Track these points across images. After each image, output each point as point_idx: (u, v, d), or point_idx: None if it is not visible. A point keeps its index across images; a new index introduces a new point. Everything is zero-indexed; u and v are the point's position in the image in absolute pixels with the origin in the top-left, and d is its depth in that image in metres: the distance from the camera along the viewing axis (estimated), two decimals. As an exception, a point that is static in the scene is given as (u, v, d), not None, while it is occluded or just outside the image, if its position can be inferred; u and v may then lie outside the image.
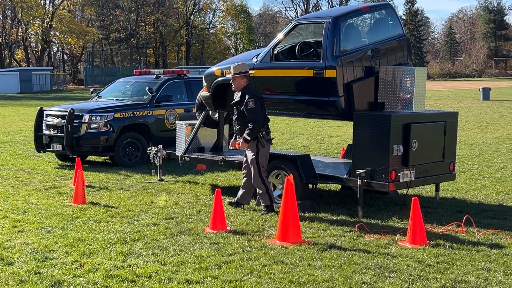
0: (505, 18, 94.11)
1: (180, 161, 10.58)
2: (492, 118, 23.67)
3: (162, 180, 11.00)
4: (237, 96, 8.55)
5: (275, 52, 9.15)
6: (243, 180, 8.63)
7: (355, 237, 7.17)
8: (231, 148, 8.96)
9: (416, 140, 8.07)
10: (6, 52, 69.73)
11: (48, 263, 6.17)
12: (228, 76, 8.99)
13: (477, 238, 7.10)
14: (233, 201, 8.78)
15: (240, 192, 8.68)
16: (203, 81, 10.31)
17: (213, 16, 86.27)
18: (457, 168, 10.65)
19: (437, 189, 9.11)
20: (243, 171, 8.64)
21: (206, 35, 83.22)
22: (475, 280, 5.71)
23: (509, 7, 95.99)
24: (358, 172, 8.01)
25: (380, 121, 7.98)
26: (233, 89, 8.65)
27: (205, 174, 11.73)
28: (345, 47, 8.55)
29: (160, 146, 11.05)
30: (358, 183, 8.02)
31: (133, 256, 6.42)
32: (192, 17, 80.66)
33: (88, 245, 6.81)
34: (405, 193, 8.98)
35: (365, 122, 8.17)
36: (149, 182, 10.84)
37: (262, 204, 8.48)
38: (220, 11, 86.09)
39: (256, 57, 9.42)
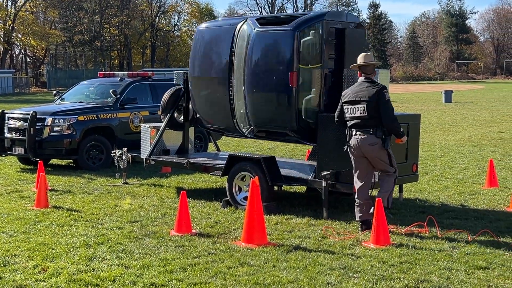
0: (466, 22, 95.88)
1: (145, 164, 10.51)
2: (454, 120, 24.08)
3: (127, 183, 10.91)
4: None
5: None
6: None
7: (320, 238, 7.22)
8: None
9: (379, 141, 8.14)
10: (-34, 54, 68.31)
11: (10, 268, 6.08)
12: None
13: (439, 238, 7.21)
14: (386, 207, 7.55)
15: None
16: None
17: (178, 19, 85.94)
18: (420, 170, 10.81)
19: (400, 190, 9.22)
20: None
21: (171, 38, 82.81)
22: (437, 280, 5.80)
23: (470, 11, 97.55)
24: (322, 174, 8.07)
25: (344, 123, 8.04)
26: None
27: (170, 177, 11.68)
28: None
29: (125, 149, 10.96)
30: (323, 185, 8.08)
31: (96, 260, 6.36)
32: (157, 19, 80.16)
33: (51, 249, 6.72)
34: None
35: (329, 124, 8.24)
36: (113, 185, 10.74)
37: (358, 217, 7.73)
38: (185, 14, 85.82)
39: None
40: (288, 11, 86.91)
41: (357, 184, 7.63)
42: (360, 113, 7.48)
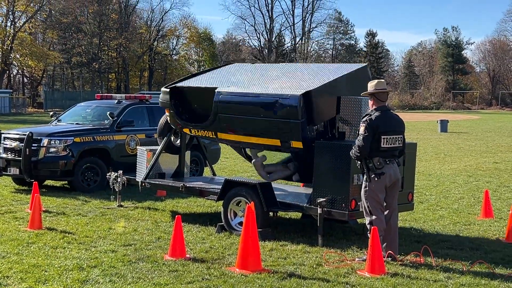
0: (462, 52, 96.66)
1: (140, 187, 10.48)
2: (449, 150, 24.13)
3: (121, 206, 10.87)
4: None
5: None
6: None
7: (314, 266, 7.18)
8: None
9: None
10: (-36, 73, 68.40)
11: (1, 290, 6.01)
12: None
13: (434, 268, 7.18)
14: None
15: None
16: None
17: (176, 43, 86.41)
18: (415, 199, 10.79)
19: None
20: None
21: (169, 61, 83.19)
22: (432, 310, 5.76)
23: (466, 42, 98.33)
24: (318, 201, 8.06)
25: (340, 150, 8.06)
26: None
27: (165, 200, 11.64)
28: None
29: (120, 172, 10.93)
30: (319, 212, 8.05)
31: (89, 283, 6.30)
32: (155, 43, 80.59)
33: (43, 272, 6.66)
34: (364, 222, 9.04)
35: (326, 151, 8.25)
36: (108, 208, 10.69)
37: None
38: (183, 38, 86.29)
39: None
40: (286, 38, 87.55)
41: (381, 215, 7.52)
42: (399, 143, 7.57)
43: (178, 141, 10.79)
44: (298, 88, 8.57)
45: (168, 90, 10.01)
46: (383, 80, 7.78)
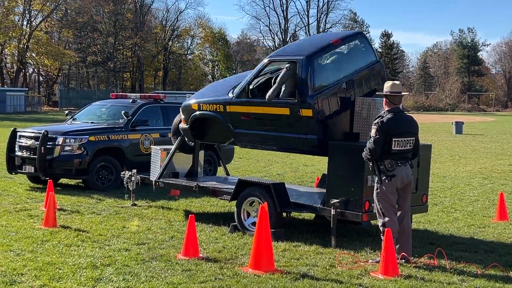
0: (478, 54, 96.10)
1: (154, 186, 10.51)
2: (464, 152, 23.99)
3: (135, 205, 10.91)
4: None
5: (251, 87, 9.18)
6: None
7: (327, 267, 7.16)
8: None
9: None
10: (-19, 71, 69.01)
11: (16, 287, 6.06)
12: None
13: (448, 271, 7.14)
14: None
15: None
16: (181, 113, 10.30)
17: (191, 42, 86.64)
18: (429, 201, 10.72)
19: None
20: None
21: (183, 61, 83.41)
22: (446, 313, 5.72)
23: (482, 43, 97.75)
24: (332, 202, 8.04)
25: (354, 151, 8.03)
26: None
27: (178, 199, 11.67)
28: (320, 84, 8.61)
29: (134, 171, 10.97)
30: (332, 213, 8.03)
31: (103, 282, 6.33)
32: (170, 42, 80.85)
33: (57, 269, 6.70)
34: (378, 224, 9.01)
35: (340, 152, 8.22)
36: (121, 207, 10.74)
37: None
38: (198, 38, 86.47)
39: (232, 92, 9.45)
40: (301, 37, 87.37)
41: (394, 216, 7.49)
42: (410, 145, 7.52)
43: (192, 140, 10.80)
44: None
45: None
46: (398, 83, 7.71)
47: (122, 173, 11.25)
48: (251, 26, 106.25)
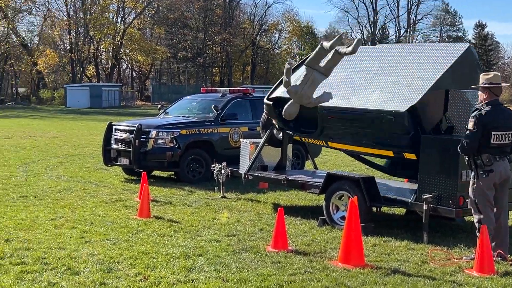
0: None
1: (243, 179, 10.63)
2: None
3: (225, 197, 11.08)
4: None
5: None
6: None
7: (419, 263, 7.01)
8: None
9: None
10: (78, 68, 72.10)
11: (113, 274, 6.29)
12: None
13: (548, 270, 6.82)
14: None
15: None
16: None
17: (278, 37, 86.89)
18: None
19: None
20: None
21: (271, 55, 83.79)
22: (546, 314, 5.48)
23: None
24: (424, 197, 7.85)
25: (448, 145, 7.81)
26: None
27: (267, 192, 11.75)
28: None
29: (224, 164, 11.13)
30: (424, 208, 7.85)
31: (195, 271, 6.47)
32: (258, 37, 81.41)
33: (152, 258, 6.91)
34: (472, 220, 8.73)
35: (433, 146, 8.02)
36: (212, 199, 10.93)
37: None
38: (286, 32, 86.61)
39: None
40: (390, 30, 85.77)
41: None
42: (509, 140, 7.20)
43: (281, 134, 10.85)
44: (401, 99, 8.37)
45: (270, 102, 10.10)
46: (499, 74, 7.40)
47: (212, 166, 11.44)
48: (339, 19, 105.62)
